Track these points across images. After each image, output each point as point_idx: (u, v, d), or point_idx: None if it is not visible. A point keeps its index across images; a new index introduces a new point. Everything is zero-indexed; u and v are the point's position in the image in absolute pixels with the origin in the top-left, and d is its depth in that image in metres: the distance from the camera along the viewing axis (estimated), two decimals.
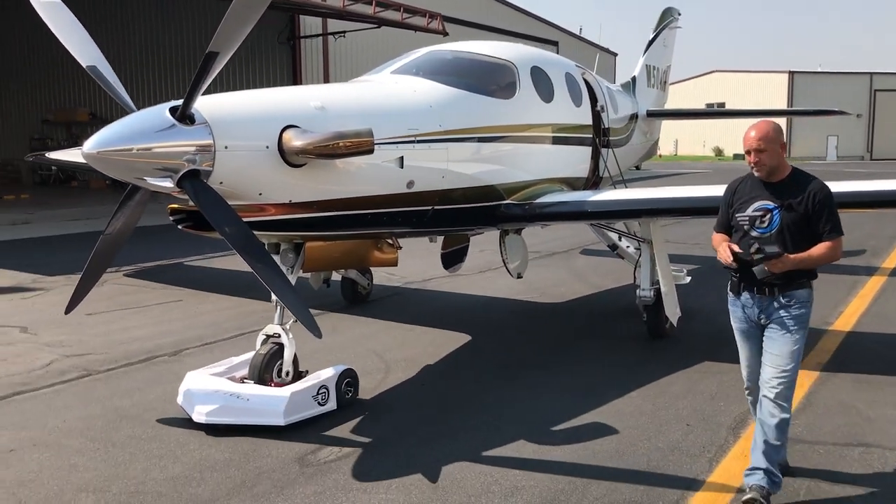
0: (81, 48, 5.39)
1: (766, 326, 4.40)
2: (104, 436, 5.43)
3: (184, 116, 4.82)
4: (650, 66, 13.41)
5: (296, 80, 26.31)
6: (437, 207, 6.57)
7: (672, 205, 7.21)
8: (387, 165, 5.96)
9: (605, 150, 9.39)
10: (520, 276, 8.43)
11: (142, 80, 28.86)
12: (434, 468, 4.83)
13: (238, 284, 10.54)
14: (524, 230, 8.45)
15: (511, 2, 37.55)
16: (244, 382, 5.83)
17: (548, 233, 14.95)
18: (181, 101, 4.83)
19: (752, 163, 4.36)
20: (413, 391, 6.48)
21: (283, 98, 5.70)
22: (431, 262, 9.57)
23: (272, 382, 5.78)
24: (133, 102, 5.24)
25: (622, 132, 10.74)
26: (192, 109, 4.85)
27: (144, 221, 6.33)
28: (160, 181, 4.92)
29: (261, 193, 5.32)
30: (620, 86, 12.21)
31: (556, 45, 38.94)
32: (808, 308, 4.41)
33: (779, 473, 4.32)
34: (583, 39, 44.38)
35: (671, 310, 7.52)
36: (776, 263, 4.16)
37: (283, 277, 5.04)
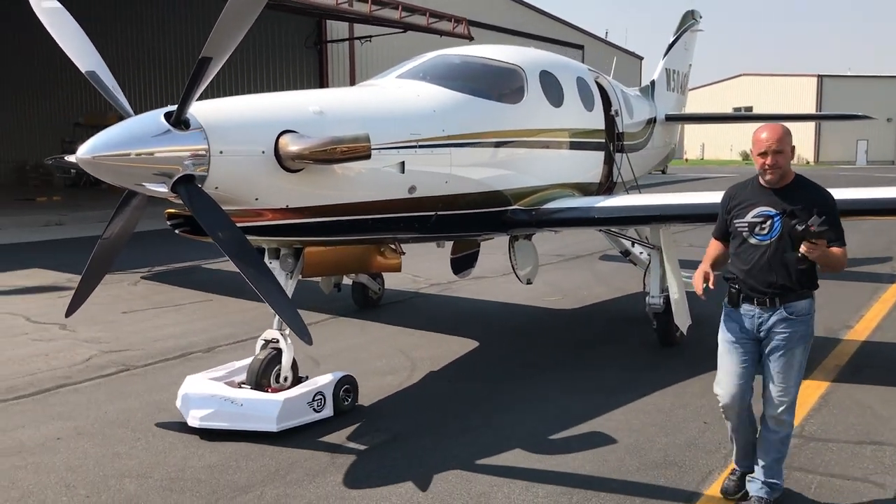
0: (81, 54, 5.33)
1: (767, 341, 4.16)
2: (144, 427, 5.62)
3: (179, 122, 4.74)
4: (670, 70, 13.12)
5: (322, 84, 26.36)
6: (441, 213, 6.42)
7: (680, 211, 6.98)
8: (387, 170, 5.82)
9: (620, 155, 9.16)
10: (529, 283, 8.24)
11: (149, 83, 29.06)
12: (447, 467, 4.87)
13: None
14: (536, 236, 8.25)
15: (536, 6, 37.25)
16: (242, 387, 5.74)
17: (570, 236, 14.79)
18: (176, 107, 4.75)
19: (768, 165, 4.06)
20: (422, 393, 6.48)
21: (281, 103, 5.58)
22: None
23: (269, 388, 5.67)
24: (142, 107, 5.17)
25: (638, 136, 10.47)
26: (188, 114, 4.77)
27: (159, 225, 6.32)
28: (155, 186, 4.85)
29: (257, 198, 5.22)
30: (639, 90, 11.93)
31: (582, 49, 38.57)
32: (810, 321, 4.19)
33: (780, 481, 4.29)
34: (608, 43, 43.90)
35: (681, 318, 7.26)
36: (818, 247, 3.85)
37: (276, 283, 4.92)
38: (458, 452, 5.10)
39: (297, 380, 5.82)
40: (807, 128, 64.10)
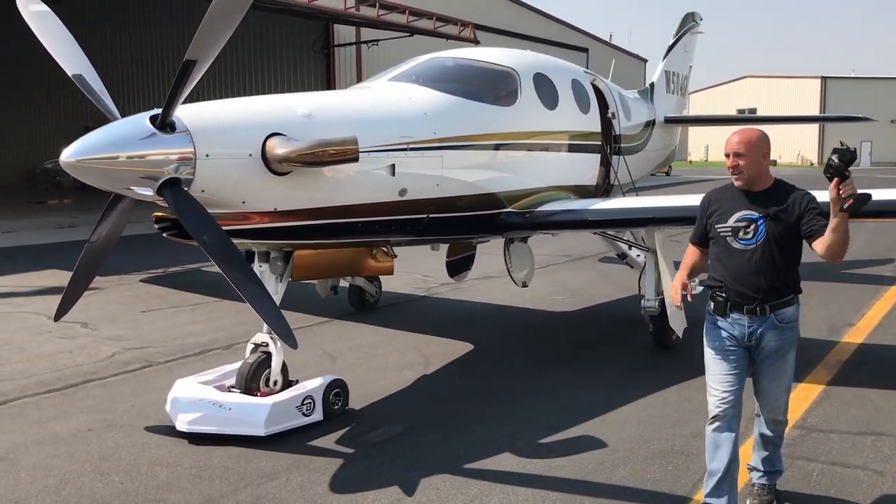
0: (68, 57, 5.25)
1: (759, 350, 3.99)
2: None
3: (164, 125, 4.63)
4: (670, 72, 12.94)
5: (330, 88, 26.33)
6: (433, 215, 6.29)
7: (675, 213, 6.81)
8: (377, 173, 5.71)
9: (617, 158, 9.00)
10: (525, 285, 8.10)
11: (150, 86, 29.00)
12: (457, 457, 4.91)
13: None
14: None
15: (541, 9, 37.11)
16: (231, 391, 5.63)
17: (575, 237, 14.73)
18: (161, 110, 4.64)
19: (730, 167, 3.99)
20: (436, 388, 6.53)
21: (269, 106, 5.47)
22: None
23: (259, 392, 5.56)
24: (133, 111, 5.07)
25: (636, 139, 10.31)
26: (174, 117, 4.67)
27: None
28: (141, 189, 4.75)
29: (244, 202, 5.11)
30: (638, 92, 11.74)
31: (587, 52, 38.42)
32: (797, 327, 4.06)
33: (781, 466, 4.28)
34: (613, 46, 43.69)
35: (676, 322, 7.09)
36: (850, 187, 3.59)
37: (261, 287, 4.81)
38: (465, 446, 5.17)
39: (288, 383, 5.71)
40: (811, 129, 63.68)
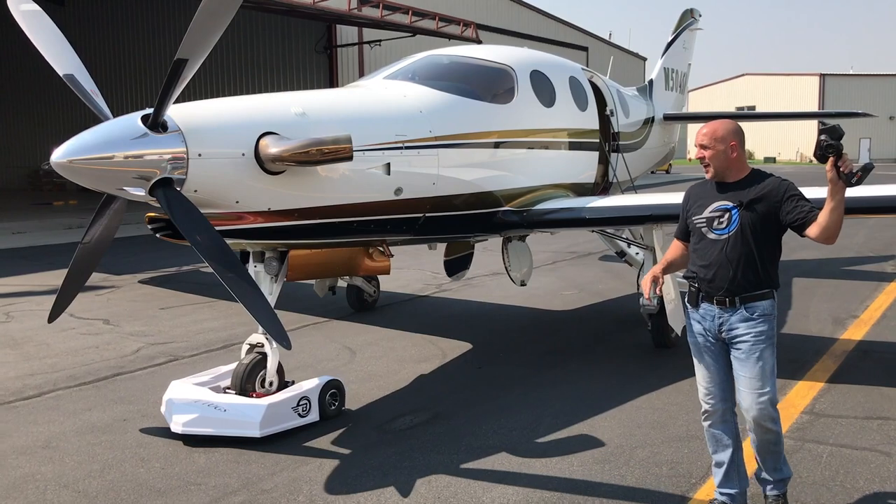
0: (59, 57, 5.13)
1: (732, 345, 3.88)
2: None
3: (156, 124, 4.52)
4: (668, 69, 12.77)
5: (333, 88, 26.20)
6: (429, 215, 6.17)
7: (673, 211, 6.63)
8: (372, 172, 5.59)
9: (615, 155, 8.87)
10: (523, 284, 7.97)
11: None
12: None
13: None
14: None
15: (541, 9, 36.95)
16: (227, 392, 5.52)
17: (580, 234, 14.65)
18: (153, 109, 4.53)
19: (698, 158, 3.99)
20: (454, 378, 6.61)
21: (262, 105, 5.34)
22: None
23: (254, 393, 5.45)
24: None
25: (635, 136, 10.16)
26: (166, 117, 4.56)
27: None
28: (133, 189, 4.64)
29: (238, 201, 5.00)
30: (636, 89, 11.59)
31: (586, 51, 38.24)
32: (772, 321, 3.88)
33: (788, 471, 4.02)
34: (612, 44, 43.49)
35: (675, 320, 6.95)
36: (849, 162, 3.56)
37: (255, 288, 4.70)
38: (490, 431, 5.29)
39: (283, 384, 5.60)
40: (810, 126, 63.25)
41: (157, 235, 5.48)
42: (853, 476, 4.44)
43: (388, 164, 5.63)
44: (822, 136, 3.45)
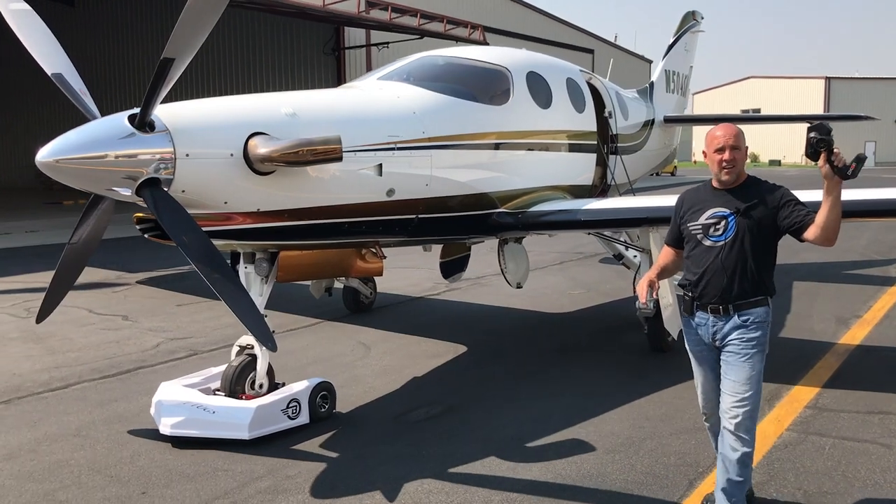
0: (48, 56, 5.03)
1: (722, 349, 3.80)
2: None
3: (143, 124, 4.41)
4: (669, 71, 12.60)
5: None
6: (423, 216, 6.04)
7: (668, 213, 6.47)
8: (364, 173, 5.46)
9: (614, 157, 8.72)
10: (519, 286, 7.82)
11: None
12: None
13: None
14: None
15: (548, 11, 36.80)
16: (216, 394, 5.42)
17: (585, 235, 14.46)
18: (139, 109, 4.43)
19: (725, 161, 3.75)
20: (470, 373, 6.68)
21: (252, 105, 5.23)
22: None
23: (244, 395, 5.35)
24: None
25: (634, 139, 10.00)
26: (153, 117, 4.45)
27: None
28: (119, 190, 4.54)
29: (226, 202, 4.88)
30: (636, 91, 11.43)
31: (592, 53, 38.04)
32: (766, 329, 3.78)
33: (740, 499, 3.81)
34: (618, 47, 43.26)
35: (671, 324, 6.80)
36: (842, 156, 3.48)
37: (241, 289, 4.59)
38: (503, 423, 5.38)
39: (274, 386, 5.49)
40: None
41: (146, 236, 5.38)
42: (854, 466, 4.56)
43: (380, 165, 5.51)
44: (812, 134, 3.42)
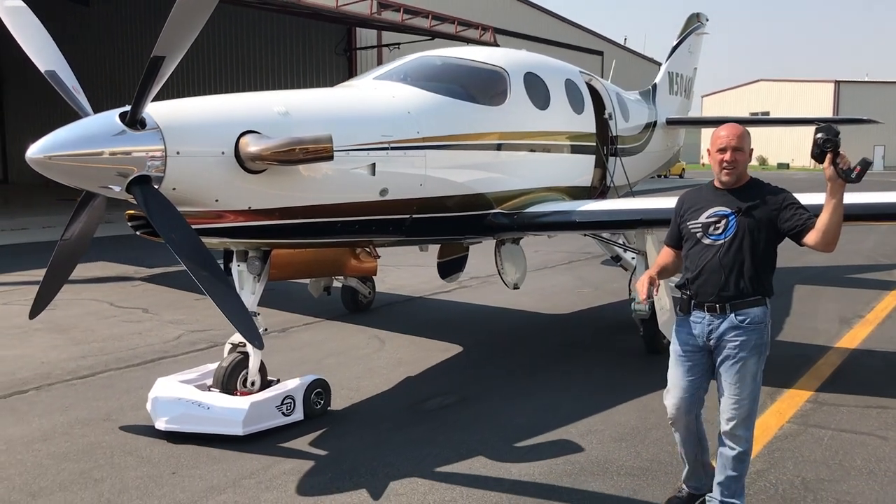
0: (42, 53, 4.98)
1: (718, 351, 3.71)
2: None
3: (134, 121, 4.37)
4: (673, 73, 12.46)
5: None
6: (417, 216, 5.97)
7: (664, 215, 6.37)
8: (357, 172, 5.40)
9: (614, 159, 8.61)
10: (516, 287, 7.73)
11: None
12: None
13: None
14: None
15: (558, 13, 36.66)
16: (212, 391, 5.38)
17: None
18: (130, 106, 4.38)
19: (727, 162, 3.69)
20: (479, 366, 6.75)
21: (244, 103, 5.18)
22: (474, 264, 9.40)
23: (238, 392, 5.31)
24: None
25: (635, 140, 9.88)
26: (144, 114, 4.41)
27: None
28: (110, 186, 4.50)
29: (217, 200, 4.84)
30: (639, 93, 11.30)
31: (601, 55, 37.85)
32: (763, 330, 3.70)
33: (740, 501, 3.81)
34: (627, 49, 43.00)
35: (666, 326, 6.68)
36: (847, 158, 3.43)
37: (230, 288, 4.56)
38: (514, 413, 5.48)
39: (267, 383, 5.45)
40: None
41: (137, 233, 5.35)
42: (851, 456, 4.70)
43: (373, 165, 5.45)
44: (819, 134, 3.39)
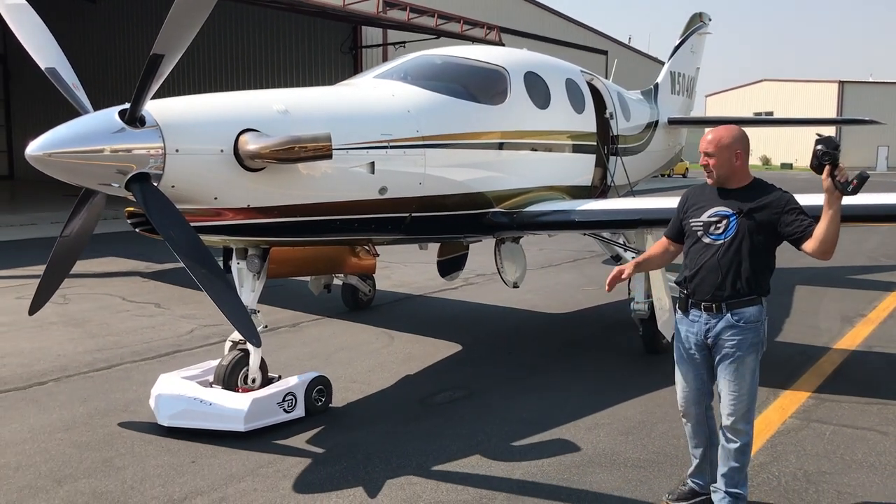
0: (42, 50, 4.97)
1: (716, 350, 3.76)
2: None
3: (133, 119, 4.36)
4: (675, 73, 12.39)
5: None
6: (416, 214, 5.94)
7: (664, 215, 6.34)
8: (356, 171, 5.38)
9: (615, 159, 8.56)
10: (516, 286, 7.70)
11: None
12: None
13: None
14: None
15: (563, 13, 36.52)
16: (214, 387, 5.37)
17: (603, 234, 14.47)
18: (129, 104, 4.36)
19: (702, 165, 3.82)
20: (486, 361, 6.80)
21: (244, 101, 5.16)
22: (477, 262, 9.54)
23: (240, 388, 5.29)
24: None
25: (636, 140, 9.83)
26: (144, 112, 4.40)
27: None
28: (109, 184, 4.49)
29: (216, 198, 4.82)
30: (640, 93, 11.24)
31: (606, 54, 37.72)
32: (760, 329, 3.73)
33: (743, 490, 3.85)
34: (631, 48, 42.85)
35: (666, 326, 6.63)
36: (845, 171, 3.47)
37: (228, 285, 4.54)
38: (521, 407, 5.55)
39: (268, 380, 5.43)
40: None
41: (137, 230, 5.34)
42: (852, 450, 4.77)
43: (373, 163, 5.42)
44: (819, 147, 3.43)
